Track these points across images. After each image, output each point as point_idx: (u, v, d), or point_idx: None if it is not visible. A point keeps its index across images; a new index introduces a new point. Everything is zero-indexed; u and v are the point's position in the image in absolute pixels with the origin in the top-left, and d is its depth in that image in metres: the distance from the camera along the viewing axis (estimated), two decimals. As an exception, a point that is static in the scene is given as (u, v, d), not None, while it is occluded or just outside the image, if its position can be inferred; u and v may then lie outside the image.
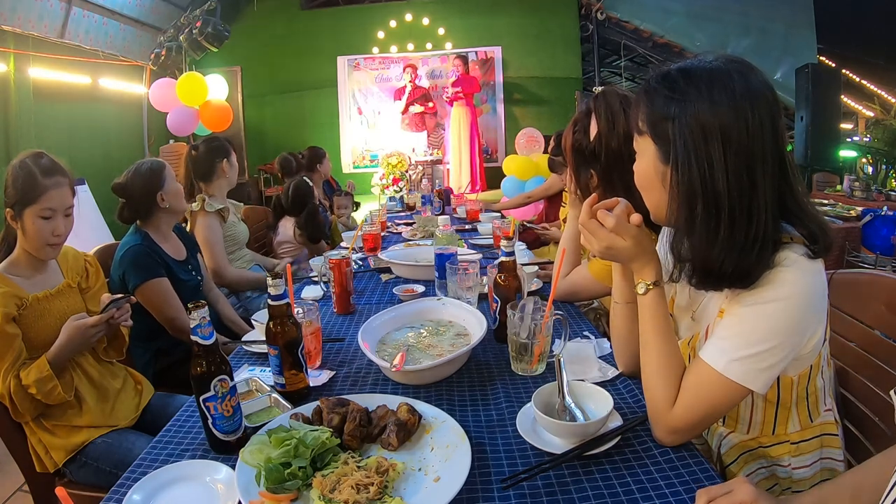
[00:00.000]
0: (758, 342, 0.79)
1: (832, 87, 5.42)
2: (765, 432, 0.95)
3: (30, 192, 1.28)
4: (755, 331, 0.80)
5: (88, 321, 1.28)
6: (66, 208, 1.34)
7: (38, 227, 1.29)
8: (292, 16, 7.34)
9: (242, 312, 2.51)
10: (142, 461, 0.90)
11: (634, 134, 0.90)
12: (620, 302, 1.03)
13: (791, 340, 0.80)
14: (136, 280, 1.71)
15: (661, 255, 0.95)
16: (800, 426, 0.94)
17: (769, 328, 0.79)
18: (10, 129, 4.50)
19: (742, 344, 0.80)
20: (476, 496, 0.79)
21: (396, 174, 6.45)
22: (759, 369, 0.80)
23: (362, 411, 0.91)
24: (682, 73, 0.81)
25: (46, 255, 1.35)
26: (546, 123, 6.68)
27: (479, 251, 2.16)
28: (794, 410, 0.93)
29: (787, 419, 0.93)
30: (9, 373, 1.22)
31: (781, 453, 0.94)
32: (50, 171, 1.31)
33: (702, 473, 0.81)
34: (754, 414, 0.94)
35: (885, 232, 3.54)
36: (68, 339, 1.27)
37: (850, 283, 1.16)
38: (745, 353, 0.80)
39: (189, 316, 0.86)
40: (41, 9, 4.46)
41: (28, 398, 1.24)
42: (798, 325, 0.81)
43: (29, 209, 1.28)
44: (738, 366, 0.80)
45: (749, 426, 0.96)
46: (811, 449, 0.94)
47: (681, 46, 6.56)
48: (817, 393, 0.94)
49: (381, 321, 1.29)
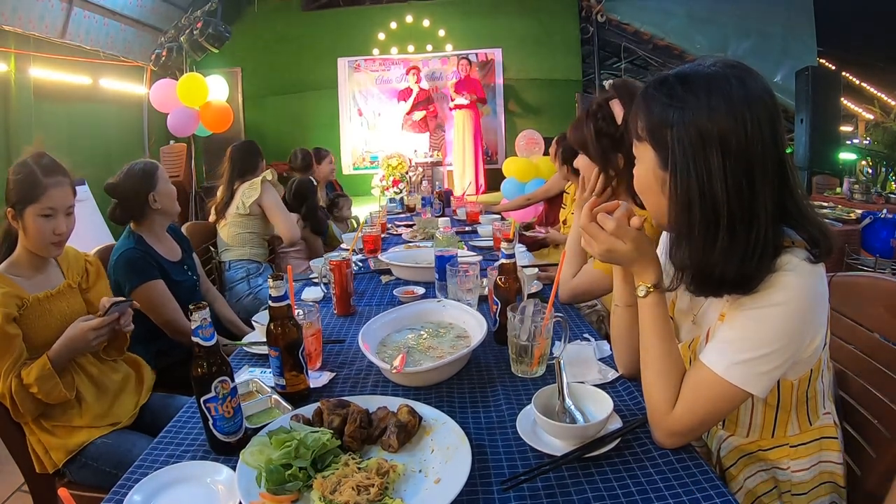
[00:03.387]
0: (759, 346, 0.79)
1: (832, 90, 5.43)
2: (764, 436, 0.95)
3: (31, 191, 1.29)
4: (757, 335, 0.80)
5: (90, 324, 1.28)
6: (66, 207, 1.34)
7: (39, 225, 1.30)
8: (293, 17, 7.34)
9: (252, 300, 2.55)
10: (142, 462, 0.90)
11: (634, 140, 0.90)
12: (621, 305, 1.03)
13: (792, 345, 0.81)
14: (130, 284, 1.72)
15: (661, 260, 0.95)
16: (799, 429, 0.94)
17: (770, 332, 0.79)
18: (10, 129, 4.50)
19: (743, 348, 0.80)
20: (476, 498, 0.79)
21: (396, 176, 6.46)
22: (760, 373, 0.80)
23: (363, 413, 0.91)
24: (679, 79, 0.81)
25: (49, 253, 1.36)
26: (546, 125, 6.68)
27: (479, 253, 2.17)
28: (793, 414, 0.93)
29: (786, 423, 0.93)
30: (9, 373, 1.22)
31: (780, 456, 0.94)
32: (51, 171, 1.32)
33: (701, 476, 0.81)
34: (754, 417, 0.94)
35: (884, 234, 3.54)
36: (70, 339, 1.28)
37: (850, 285, 1.16)
38: (746, 357, 0.80)
39: (190, 317, 0.87)
40: (42, 9, 4.46)
41: (29, 397, 1.25)
42: (799, 330, 0.81)
43: (30, 208, 1.29)
44: (738, 369, 0.80)
45: (749, 429, 0.96)
46: (810, 452, 0.94)
47: (681, 49, 6.57)
48: (817, 397, 0.94)
49: (381, 323, 1.29)
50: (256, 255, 2.75)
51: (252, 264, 2.72)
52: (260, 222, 2.73)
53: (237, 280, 2.67)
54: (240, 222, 2.68)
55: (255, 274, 2.71)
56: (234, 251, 2.71)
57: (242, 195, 2.65)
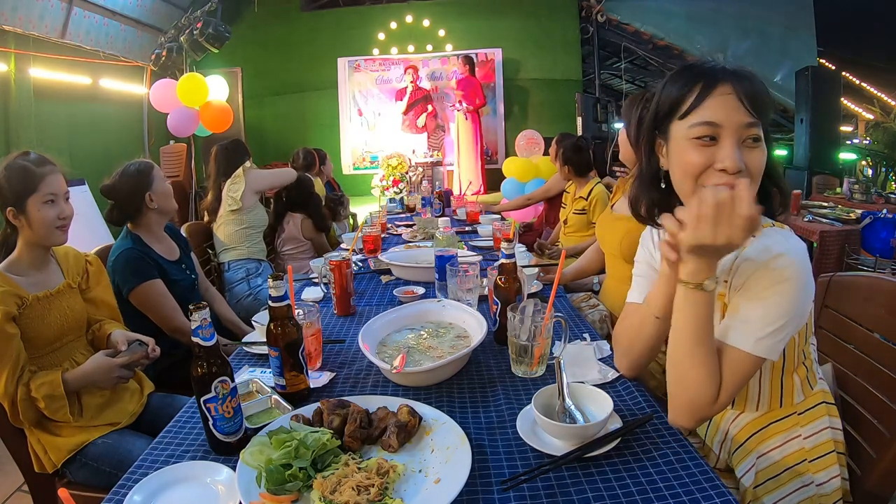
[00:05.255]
0: (778, 319, 0.85)
1: (832, 90, 5.43)
2: (773, 406, 0.98)
3: (29, 183, 1.31)
4: (776, 310, 0.85)
5: (118, 361, 1.33)
6: (64, 193, 1.38)
7: (45, 213, 1.32)
8: (293, 17, 7.34)
9: (252, 300, 2.55)
10: (142, 462, 0.90)
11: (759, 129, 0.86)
12: (661, 317, 0.97)
13: (801, 310, 0.87)
14: (129, 285, 1.72)
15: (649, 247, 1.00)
16: (803, 395, 0.98)
17: (786, 304, 0.85)
18: (10, 129, 4.50)
19: (765, 323, 0.85)
20: (476, 498, 0.79)
21: (396, 176, 6.45)
22: (778, 340, 0.86)
23: (363, 413, 0.91)
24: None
25: (57, 240, 1.37)
26: (546, 125, 6.68)
27: (479, 253, 2.17)
28: (795, 378, 0.97)
29: (791, 389, 0.97)
30: (13, 378, 1.22)
31: (791, 426, 0.96)
32: (41, 162, 1.35)
33: (701, 476, 0.81)
34: (762, 388, 0.97)
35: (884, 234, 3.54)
36: (93, 371, 1.31)
37: (850, 286, 1.16)
38: (769, 331, 0.85)
39: (190, 318, 0.87)
40: (42, 9, 4.46)
41: (32, 408, 1.26)
42: (807, 295, 0.87)
43: (31, 198, 1.31)
44: (764, 343, 0.85)
45: (758, 402, 0.98)
46: (817, 416, 0.97)
47: (681, 49, 6.58)
48: (811, 356, 0.99)
49: (381, 323, 1.29)
50: (255, 254, 2.75)
51: (251, 263, 2.72)
52: (253, 215, 2.76)
53: (237, 281, 2.67)
54: (234, 219, 2.71)
55: (254, 274, 2.71)
56: (232, 251, 2.71)
57: (229, 191, 2.70)
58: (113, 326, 1.49)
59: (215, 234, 2.75)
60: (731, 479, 0.99)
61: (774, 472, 0.95)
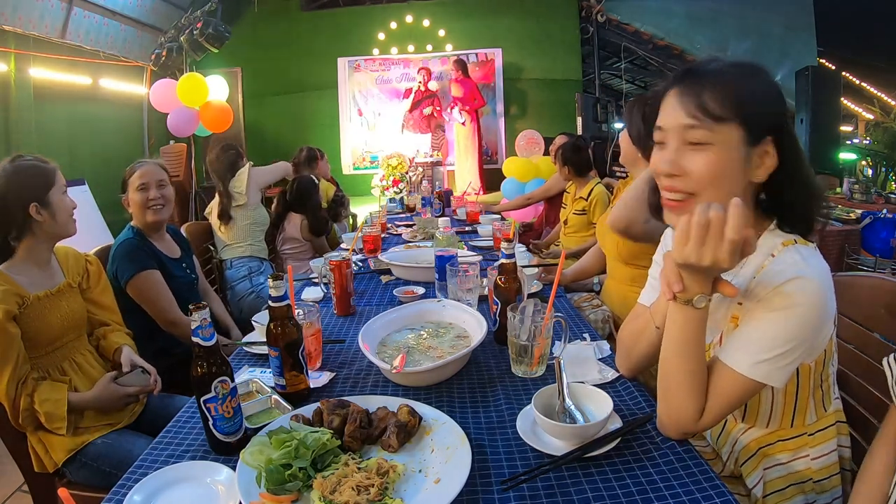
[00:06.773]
0: (783, 344, 0.81)
1: (832, 90, 5.42)
2: (783, 425, 0.96)
3: (47, 178, 1.36)
4: (782, 333, 0.81)
5: (127, 391, 1.36)
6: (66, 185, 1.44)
7: (65, 202, 1.39)
8: (293, 17, 7.34)
9: (255, 298, 2.56)
10: (142, 462, 0.90)
11: (704, 130, 0.82)
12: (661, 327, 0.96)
13: (811, 338, 0.84)
14: (127, 273, 1.73)
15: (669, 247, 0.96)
16: (815, 416, 0.95)
17: (794, 330, 0.81)
18: (10, 129, 4.49)
19: (767, 347, 0.82)
20: (476, 498, 0.79)
21: (396, 176, 6.45)
22: (781, 367, 0.82)
23: (363, 413, 0.91)
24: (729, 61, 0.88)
25: (73, 229, 1.42)
26: (546, 125, 6.67)
27: (479, 253, 2.17)
28: (810, 401, 0.94)
29: (804, 410, 0.94)
30: (14, 377, 1.23)
31: (800, 445, 0.95)
32: (43, 159, 1.40)
33: (701, 476, 0.81)
34: (774, 406, 0.95)
35: (884, 234, 3.54)
36: (99, 396, 1.34)
37: (850, 285, 1.16)
38: (769, 356, 0.82)
39: (190, 317, 0.87)
40: (42, 9, 4.46)
41: (32, 416, 1.27)
42: (819, 323, 0.84)
43: (52, 191, 1.36)
44: (762, 367, 0.82)
45: (769, 419, 0.96)
46: (827, 438, 0.95)
47: (681, 49, 6.57)
48: (829, 379, 0.95)
49: (381, 323, 1.29)
50: (257, 252, 2.77)
51: (253, 262, 2.73)
52: (257, 212, 2.83)
53: (239, 279, 2.68)
54: (240, 214, 2.78)
55: (256, 272, 2.71)
56: (235, 248, 2.72)
57: (234, 187, 2.80)
58: (119, 336, 1.51)
59: (217, 233, 2.77)
60: (739, 485, 0.99)
61: (780, 485, 0.95)
